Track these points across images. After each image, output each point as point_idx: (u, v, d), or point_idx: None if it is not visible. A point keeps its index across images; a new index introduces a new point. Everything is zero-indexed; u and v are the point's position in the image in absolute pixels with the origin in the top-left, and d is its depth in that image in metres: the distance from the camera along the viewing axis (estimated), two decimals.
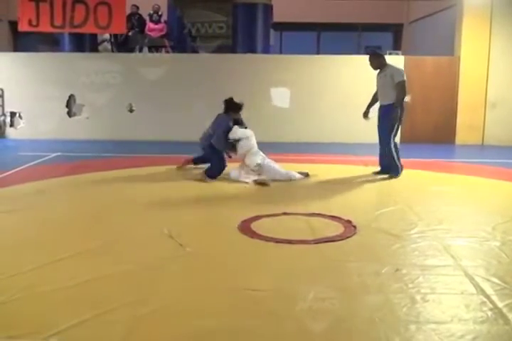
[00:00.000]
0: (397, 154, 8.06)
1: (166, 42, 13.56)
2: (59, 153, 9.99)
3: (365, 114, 8.42)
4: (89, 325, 3.12)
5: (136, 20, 13.46)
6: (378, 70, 8.18)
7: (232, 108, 8.04)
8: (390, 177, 7.97)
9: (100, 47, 13.99)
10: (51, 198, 6.47)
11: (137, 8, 13.57)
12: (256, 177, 7.55)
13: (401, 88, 7.87)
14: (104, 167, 8.55)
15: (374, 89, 8.32)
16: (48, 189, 6.99)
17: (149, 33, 13.46)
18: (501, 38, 11.94)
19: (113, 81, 12.29)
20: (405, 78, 7.92)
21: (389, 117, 7.92)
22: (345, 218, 5.43)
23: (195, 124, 12.12)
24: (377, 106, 8.28)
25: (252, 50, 12.96)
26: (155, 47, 13.52)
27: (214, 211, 5.94)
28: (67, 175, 7.91)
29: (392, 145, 8.06)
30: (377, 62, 8.14)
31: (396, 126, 8.01)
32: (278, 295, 3.56)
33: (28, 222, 5.39)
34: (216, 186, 7.24)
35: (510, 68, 12.04)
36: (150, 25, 13.47)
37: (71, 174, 7.97)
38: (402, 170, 8.08)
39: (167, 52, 13.53)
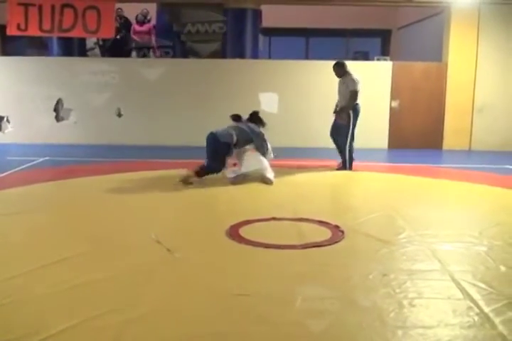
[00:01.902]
0: (351, 154, 9.01)
1: (154, 44, 13.52)
2: (47, 158, 9.95)
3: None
4: (79, 330, 3.12)
5: (122, 23, 13.36)
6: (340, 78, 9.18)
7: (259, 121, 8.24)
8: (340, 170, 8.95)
9: (89, 53, 13.96)
10: (39, 203, 6.43)
11: (121, 10, 13.45)
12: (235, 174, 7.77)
13: (352, 96, 8.87)
14: (92, 172, 8.51)
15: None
16: (35, 193, 6.98)
17: (135, 35, 13.34)
18: (488, 44, 12.02)
19: (102, 85, 12.27)
20: (358, 89, 8.91)
21: (345, 118, 8.98)
22: (333, 223, 5.44)
23: (184, 129, 12.21)
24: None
25: (241, 54, 12.98)
26: (143, 48, 13.44)
27: (202, 216, 5.94)
28: (55, 179, 7.88)
29: (348, 146, 8.96)
30: (340, 71, 9.12)
31: (351, 128, 9.01)
32: (267, 300, 3.57)
33: (15, 227, 5.37)
34: (205, 191, 7.23)
35: (497, 74, 12.12)
36: (136, 27, 13.32)
37: (59, 179, 7.93)
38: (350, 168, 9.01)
39: (156, 56, 13.50)
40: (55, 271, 4.04)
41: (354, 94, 8.90)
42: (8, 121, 12.36)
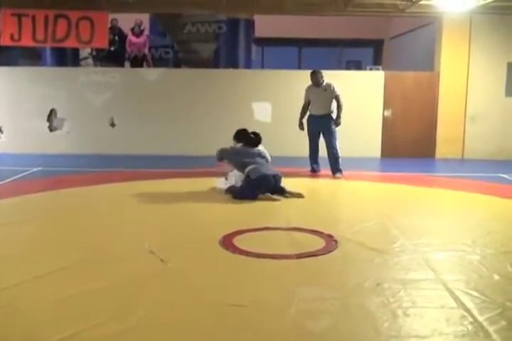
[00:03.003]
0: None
1: (148, 56, 13.55)
2: (40, 168, 9.93)
3: (301, 125, 9.68)
4: None
5: (116, 34, 13.39)
6: (309, 85, 9.58)
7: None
8: (339, 178, 9.11)
9: (82, 63, 13.97)
10: (32, 213, 6.40)
11: (117, 21, 13.50)
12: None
13: (341, 100, 9.30)
14: (85, 182, 8.49)
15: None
16: (28, 204, 6.96)
17: (130, 47, 13.38)
18: (480, 53, 12.08)
19: (95, 95, 12.26)
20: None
21: (333, 124, 9.33)
22: (327, 232, 5.44)
23: (177, 138, 12.21)
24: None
25: (234, 64, 13.01)
26: (137, 58, 13.45)
27: (196, 226, 5.92)
28: (48, 190, 7.85)
29: (338, 149, 9.29)
30: (320, 79, 9.44)
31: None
32: (261, 310, 3.56)
33: (8, 238, 5.34)
34: (197, 201, 7.22)
35: (488, 83, 12.19)
36: (131, 38, 13.41)
37: (52, 189, 7.90)
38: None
39: (149, 66, 13.52)
40: (48, 282, 4.02)
41: (341, 98, 9.34)
42: (1, 131, 12.34)
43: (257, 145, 8.00)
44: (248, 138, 8.03)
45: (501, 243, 5.23)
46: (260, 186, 7.29)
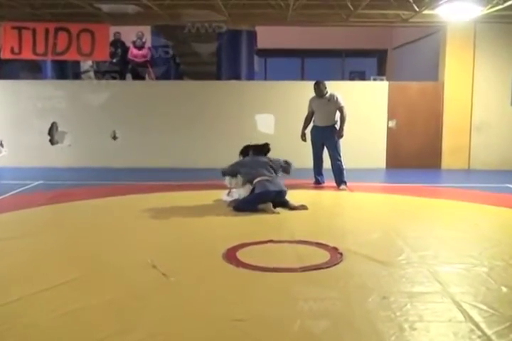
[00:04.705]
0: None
1: (150, 68, 13.54)
2: (41, 181, 9.89)
3: (304, 136, 9.55)
4: None
5: (119, 47, 13.42)
6: (312, 96, 9.46)
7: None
8: (343, 189, 9.02)
9: (84, 76, 13.97)
10: (33, 227, 6.35)
11: (119, 34, 13.54)
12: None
13: (344, 112, 9.12)
14: (86, 195, 8.45)
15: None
16: (29, 218, 6.91)
17: (132, 58, 13.41)
18: (485, 62, 12.04)
19: (97, 108, 12.25)
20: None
21: (336, 136, 9.17)
22: (332, 245, 5.38)
23: (180, 151, 12.17)
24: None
25: (236, 76, 12.99)
26: (139, 69, 13.43)
27: (199, 239, 5.86)
28: (49, 203, 7.82)
29: (342, 161, 9.18)
30: (324, 89, 9.30)
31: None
32: (265, 325, 3.49)
33: (9, 252, 5.29)
34: (200, 214, 7.16)
35: (494, 92, 12.13)
36: (133, 50, 13.44)
37: (53, 202, 7.88)
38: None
39: (151, 78, 13.52)
40: (51, 296, 3.98)
41: (344, 109, 9.16)
42: (1, 144, 12.32)
43: (265, 154, 7.96)
44: (256, 146, 8.08)
45: (509, 255, 5.16)
46: (260, 201, 7.27)
